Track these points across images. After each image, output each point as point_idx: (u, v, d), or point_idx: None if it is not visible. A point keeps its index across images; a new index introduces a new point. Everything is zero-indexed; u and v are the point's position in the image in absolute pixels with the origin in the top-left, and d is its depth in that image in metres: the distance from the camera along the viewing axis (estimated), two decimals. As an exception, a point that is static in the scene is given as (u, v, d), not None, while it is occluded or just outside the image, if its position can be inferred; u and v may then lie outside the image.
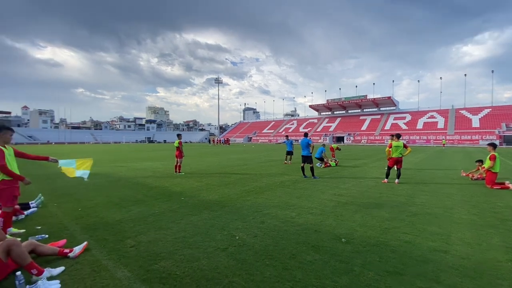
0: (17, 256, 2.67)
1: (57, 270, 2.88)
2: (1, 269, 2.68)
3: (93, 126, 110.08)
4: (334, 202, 6.01)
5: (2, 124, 3.96)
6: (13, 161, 3.98)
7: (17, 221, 4.67)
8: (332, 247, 3.54)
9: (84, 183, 8.59)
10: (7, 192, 3.81)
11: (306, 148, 9.59)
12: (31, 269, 2.69)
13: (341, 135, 67.48)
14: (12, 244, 2.70)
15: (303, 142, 9.72)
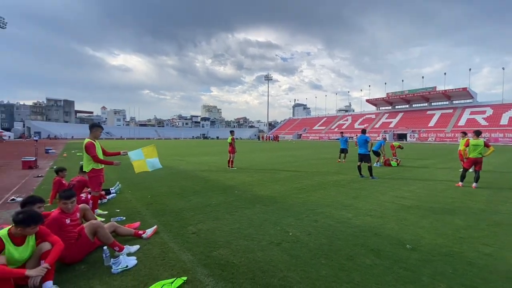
0: (101, 236, 3.17)
1: (134, 248, 3.32)
2: (90, 245, 3.21)
3: (157, 124, 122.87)
4: (397, 205, 5.49)
5: (94, 123, 4.73)
6: (100, 153, 4.71)
7: (101, 204, 5.52)
8: (395, 253, 3.25)
9: (151, 174, 9.68)
10: (96, 179, 4.54)
11: (364, 146, 8.96)
12: (114, 246, 3.17)
13: (404, 132, 60.93)
14: (98, 226, 3.20)
15: (360, 139, 9.09)
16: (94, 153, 4.41)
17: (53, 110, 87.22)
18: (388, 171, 10.63)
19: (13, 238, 2.45)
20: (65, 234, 2.95)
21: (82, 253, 3.08)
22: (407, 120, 66.17)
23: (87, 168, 4.48)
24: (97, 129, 4.61)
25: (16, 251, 2.44)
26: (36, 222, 2.48)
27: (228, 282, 2.60)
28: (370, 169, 8.80)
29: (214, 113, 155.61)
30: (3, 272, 2.20)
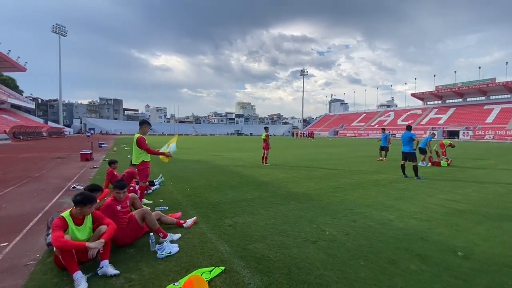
0: (149, 221, 3.46)
1: (176, 236, 3.55)
2: (139, 229, 3.51)
3: (194, 120, 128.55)
4: (446, 208, 5.01)
5: (144, 120, 5.13)
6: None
7: (147, 194, 5.97)
8: (444, 260, 2.98)
9: (190, 168, 10.20)
10: (144, 171, 4.93)
11: (408, 144, 8.30)
12: (159, 232, 3.43)
13: (455, 129, 54.90)
14: (146, 212, 3.51)
15: (404, 136, 8.44)
16: (147, 146, 4.81)
17: (104, 108, 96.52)
18: (437, 171, 9.72)
19: (74, 219, 2.81)
20: (117, 219, 3.27)
21: (132, 236, 3.38)
22: (460, 116, 59.48)
23: (137, 161, 4.87)
24: (146, 126, 5.00)
25: (77, 231, 2.79)
26: (91, 202, 2.85)
27: (264, 275, 2.64)
28: (416, 169, 8.13)
29: (248, 109, 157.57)
30: (68, 244, 2.54)
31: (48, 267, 2.82)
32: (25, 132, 35.77)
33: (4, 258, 3.03)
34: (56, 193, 6.14)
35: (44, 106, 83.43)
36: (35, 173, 8.74)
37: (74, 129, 73.50)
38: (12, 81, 65.49)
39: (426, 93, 71.07)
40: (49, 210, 4.86)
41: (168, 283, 2.52)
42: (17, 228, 3.94)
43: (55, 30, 64.43)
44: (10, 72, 59.55)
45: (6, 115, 47.66)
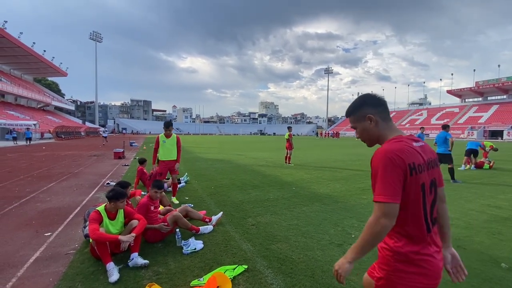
0: (182, 224, 3.66)
1: (208, 229, 3.76)
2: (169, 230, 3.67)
3: (218, 120, 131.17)
4: (487, 215, 4.59)
5: (169, 121, 5.38)
6: (173, 146, 5.29)
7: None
8: (484, 271, 2.74)
9: (214, 166, 10.41)
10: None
11: (443, 144, 7.74)
12: (192, 230, 3.64)
13: (499, 129, 50.05)
14: (179, 218, 3.68)
15: (439, 136, 7.89)
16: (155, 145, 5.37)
17: (135, 109, 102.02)
18: (476, 174, 8.96)
19: (108, 213, 3.00)
20: (151, 218, 3.45)
21: (163, 236, 3.51)
22: (504, 114, 54.19)
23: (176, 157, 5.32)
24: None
25: (111, 225, 2.98)
26: (123, 197, 3.03)
27: (287, 276, 2.62)
28: (452, 171, 7.56)
29: (271, 109, 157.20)
30: (103, 236, 2.74)
31: (85, 257, 3.04)
32: (66, 131, 39.00)
33: (48, 247, 3.32)
34: (92, 188, 6.61)
35: (82, 108, 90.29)
36: (74, 170, 9.48)
37: (108, 128, 78.64)
38: (55, 85, 71.77)
39: (465, 89, 65.79)
40: (86, 204, 5.24)
41: (192, 278, 2.59)
42: (59, 219, 4.31)
43: (92, 37, 69.33)
44: (54, 77, 65.30)
45: (51, 116, 52.32)
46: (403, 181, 1.12)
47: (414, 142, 1.23)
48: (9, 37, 37.85)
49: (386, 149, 1.17)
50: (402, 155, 1.13)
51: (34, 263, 2.92)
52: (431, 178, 1.22)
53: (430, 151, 1.28)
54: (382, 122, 1.31)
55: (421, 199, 1.16)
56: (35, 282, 2.55)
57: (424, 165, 1.19)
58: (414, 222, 1.16)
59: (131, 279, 2.59)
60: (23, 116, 39.97)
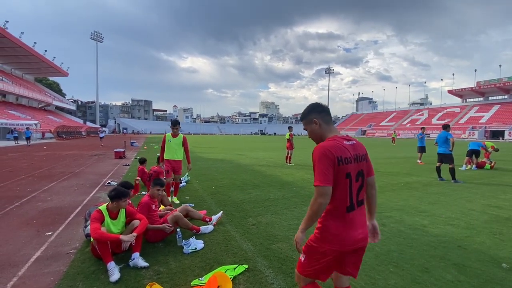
0: (182, 224, 3.67)
1: (208, 229, 3.78)
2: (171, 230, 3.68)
3: (219, 120, 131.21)
4: (488, 215, 4.58)
5: (176, 119, 5.40)
6: (178, 146, 5.28)
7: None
8: (485, 271, 2.73)
9: (215, 166, 10.42)
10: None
11: (444, 145, 7.73)
12: (193, 230, 3.65)
13: (500, 129, 50.00)
14: (179, 218, 3.68)
15: (440, 136, 7.88)
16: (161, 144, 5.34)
17: (136, 109, 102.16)
18: (477, 174, 8.94)
19: (110, 212, 3.01)
20: (151, 217, 3.45)
21: (164, 235, 3.49)
22: (505, 114, 54.06)
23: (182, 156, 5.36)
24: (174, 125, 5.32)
25: (112, 224, 2.98)
26: (125, 196, 3.02)
27: (287, 276, 2.62)
28: (452, 171, 7.55)
29: (271, 109, 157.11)
30: (104, 236, 2.74)
31: (86, 256, 3.05)
32: (67, 131, 39.08)
33: (49, 246, 3.33)
34: (93, 188, 6.62)
35: (83, 108, 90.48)
36: (75, 169, 9.50)
37: (109, 128, 78.72)
38: (56, 85, 71.91)
39: (466, 89, 65.71)
40: (87, 203, 5.25)
41: (193, 278, 2.59)
42: (60, 219, 4.32)
43: (93, 37, 69.52)
44: (55, 76, 65.43)
45: (52, 116, 52.43)
46: (333, 168, 1.46)
47: (346, 141, 1.57)
48: (10, 37, 37.96)
49: (322, 146, 1.52)
50: (332, 150, 1.48)
51: (35, 262, 2.93)
52: (358, 169, 1.55)
53: (360, 149, 1.62)
54: (324, 125, 1.67)
55: (347, 185, 1.50)
56: (36, 281, 2.56)
57: (351, 159, 1.52)
58: (339, 201, 1.50)
59: (132, 278, 2.59)
60: (24, 116, 40.07)
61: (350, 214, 1.52)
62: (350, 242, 1.50)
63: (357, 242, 1.53)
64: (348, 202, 1.51)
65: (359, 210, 1.58)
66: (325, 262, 1.54)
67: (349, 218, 1.52)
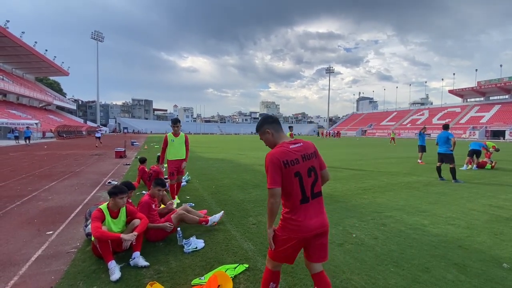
0: (189, 220, 3.73)
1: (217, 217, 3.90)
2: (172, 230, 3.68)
3: (219, 120, 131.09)
4: (489, 215, 4.58)
5: (176, 118, 5.39)
6: (181, 145, 5.23)
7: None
8: (485, 271, 2.73)
9: (215, 166, 10.42)
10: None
11: (445, 144, 7.71)
12: (201, 223, 3.78)
13: (501, 129, 49.89)
14: (183, 215, 3.74)
15: (441, 136, 7.86)
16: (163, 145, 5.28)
17: (136, 109, 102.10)
18: (478, 174, 8.93)
19: (110, 212, 3.01)
20: (152, 216, 3.45)
21: (165, 235, 3.50)
22: (506, 114, 53.97)
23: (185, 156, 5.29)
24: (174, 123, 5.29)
25: (113, 223, 2.99)
26: (122, 192, 3.02)
27: (288, 276, 2.62)
28: (453, 171, 7.53)
29: (272, 109, 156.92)
30: (105, 234, 2.75)
31: (87, 255, 3.05)
32: (68, 131, 39.10)
33: (50, 245, 3.34)
34: (94, 187, 6.63)
35: (83, 107, 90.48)
36: (76, 169, 9.51)
37: (109, 128, 78.77)
38: (57, 84, 71.96)
39: (466, 89, 65.55)
40: (87, 203, 5.26)
41: (193, 277, 2.60)
42: (61, 218, 4.33)
43: (94, 36, 69.45)
44: (55, 76, 65.47)
45: (52, 115, 52.48)
46: (280, 172, 1.74)
47: (292, 145, 1.84)
48: (11, 36, 37.97)
49: (270, 154, 1.81)
50: (278, 156, 1.76)
51: (36, 261, 2.93)
52: (308, 166, 1.81)
53: (308, 148, 1.87)
54: (275, 133, 1.96)
55: (298, 182, 1.76)
56: (37, 280, 2.57)
57: (298, 159, 1.78)
58: (293, 196, 1.77)
59: (133, 277, 2.60)
60: (25, 115, 40.12)
61: (304, 206, 1.77)
62: (306, 229, 1.76)
63: (314, 229, 1.78)
64: (300, 196, 1.77)
65: (315, 201, 1.82)
66: (289, 247, 1.81)
67: (304, 209, 1.77)
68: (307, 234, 1.77)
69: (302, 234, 1.76)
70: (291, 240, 1.78)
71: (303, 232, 1.76)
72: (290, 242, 1.79)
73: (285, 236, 1.79)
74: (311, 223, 1.77)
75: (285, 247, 1.81)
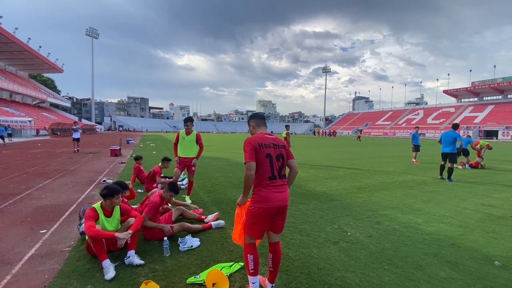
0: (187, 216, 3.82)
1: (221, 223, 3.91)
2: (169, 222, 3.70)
3: (216, 119, 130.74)
4: (481, 213, 4.65)
5: (189, 117, 5.29)
6: (192, 143, 5.18)
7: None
8: (477, 269, 2.78)
9: (211, 164, 10.40)
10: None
11: (451, 145, 7.72)
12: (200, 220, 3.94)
13: (493, 129, 50.71)
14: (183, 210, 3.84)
15: (449, 135, 7.81)
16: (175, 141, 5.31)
17: (132, 107, 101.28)
18: (471, 174, 9.05)
19: (104, 210, 2.99)
20: (156, 218, 3.46)
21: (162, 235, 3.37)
22: (499, 114, 54.79)
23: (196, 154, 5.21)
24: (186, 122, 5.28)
25: (107, 222, 2.96)
26: (118, 192, 3.00)
27: (283, 274, 2.63)
28: (451, 171, 7.61)
29: (269, 108, 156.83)
30: (99, 233, 2.73)
31: (81, 254, 3.02)
32: (62, 128, 38.59)
33: (43, 244, 3.30)
34: (89, 185, 6.57)
35: (78, 105, 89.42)
36: (70, 167, 9.41)
37: (105, 126, 78.01)
38: (51, 81, 70.95)
39: (461, 89, 66.33)
40: (82, 201, 5.21)
41: (189, 275, 2.59)
42: (55, 216, 4.28)
43: (88, 33, 68.61)
44: (50, 73, 64.55)
45: (46, 113, 51.78)
46: (255, 151, 2.20)
47: (267, 135, 2.35)
48: (4, 32, 37.29)
49: (248, 138, 2.30)
50: (255, 139, 2.27)
51: (29, 260, 2.90)
52: (277, 153, 2.27)
53: (279, 141, 2.36)
54: (256, 127, 2.47)
55: (268, 163, 2.21)
56: (30, 279, 2.54)
57: (270, 145, 2.26)
58: (263, 174, 2.20)
59: (127, 276, 2.58)
60: (18, 112, 39.52)
61: (272, 182, 2.20)
62: (272, 200, 2.17)
63: (278, 201, 2.20)
64: (270, 173, 2.20)
65: (280, 181, 2.24)
66: (260, 219, 2.19)
67: (272, 185, 2.20)
68: (273, 204, 2.17)
69: (269, 204, 2.17)
70: (262, 212, 2.17)
71: (270, 202, 2.17)
72: (260, 215, 2.18)
73: (256, 209, 2.18)
74: (276, 196, 2.19)
75: (257, 219, 2.19)
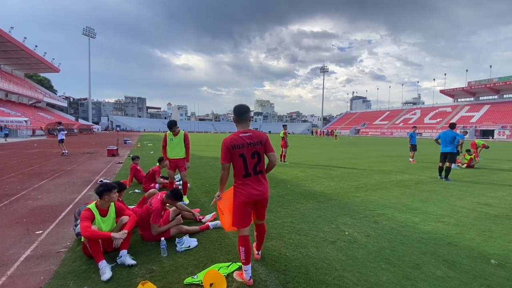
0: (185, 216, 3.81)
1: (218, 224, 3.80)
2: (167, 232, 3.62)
3: (214, 118, 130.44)
4: (478, 212, 4.68)
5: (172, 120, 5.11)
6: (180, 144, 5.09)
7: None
8: (474, 267, 2.79)
9: (209, 164, 10.37)
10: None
11: (451, 144, 7.76)
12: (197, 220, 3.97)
13: (490, 128, 51.11)
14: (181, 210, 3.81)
15: (448, 135, 7.85)
16: (162, 143, 5.13)
17: (129, 107, 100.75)
18: (468, 173, 9.11)
19: (99, 210, 2.96)
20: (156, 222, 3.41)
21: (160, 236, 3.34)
22: (495, 114, 55.24)
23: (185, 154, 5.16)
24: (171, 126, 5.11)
25: (102, 222, 2.94)
26: (114, 188, 3.02)
27: (281, 274, 2.63)
28: (449, 170, 7.65)
29: (267, 107, 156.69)
30: (95, 234, 2.71)
31: (77, 255, 3.00)
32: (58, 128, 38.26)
33: (39, 245, 3.27)
34: (85, 186, 6.52)
35: (75, 105, 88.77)
36: (67, 167, 9.34)
37: (102, 126, 77.56)
38: (47, 81, 70.38)
39: (457, 89, 66.81)
40: (78, 202, 5.17)
41: (186, 276, 2.58)
42: (51, 217, 4.24)
43: (85, 32, 68.18)
44: (46, 73, 64.02)
45: (42, 113, 51.36)
46: (229, 153, 2.42)
47: (242, 134, 2.47)
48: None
49: (225, 139, 2.46)
50: (229, 141, 2.43)
51: (24, 261, 2.87)
52: (252, 151, 2.45)
53: (255, 137, 2.47)
54: (237, 123, 2.57)
55: (242, 162, 2.42)
56: (25, 280, 2.51)
57: (243, 145, 2.42)
58: (238, 172, 2.46)
59: (124, 277, 2.57)
60: (14, 112, 39.15)
61: (247, 179, 2.46)
62: (249, 195, 2.44)
63: (254, 196, 2.46)
64: (244, 171, 2.44)
65: (255, 177, 2.48)
66: (241, 210, 2.47)
67: (247, 182, 2.46)
68: (249, 199, 2.44)
69: (246, 199, 2.44)
70: (240, 204, 2.45)
71: (247, 197, 2.43)
72: (240, 206, 2.46)
73: (236, 202, 2.48)
74: (252, 191, 2.44)
75: (237, 211, 2.49)
